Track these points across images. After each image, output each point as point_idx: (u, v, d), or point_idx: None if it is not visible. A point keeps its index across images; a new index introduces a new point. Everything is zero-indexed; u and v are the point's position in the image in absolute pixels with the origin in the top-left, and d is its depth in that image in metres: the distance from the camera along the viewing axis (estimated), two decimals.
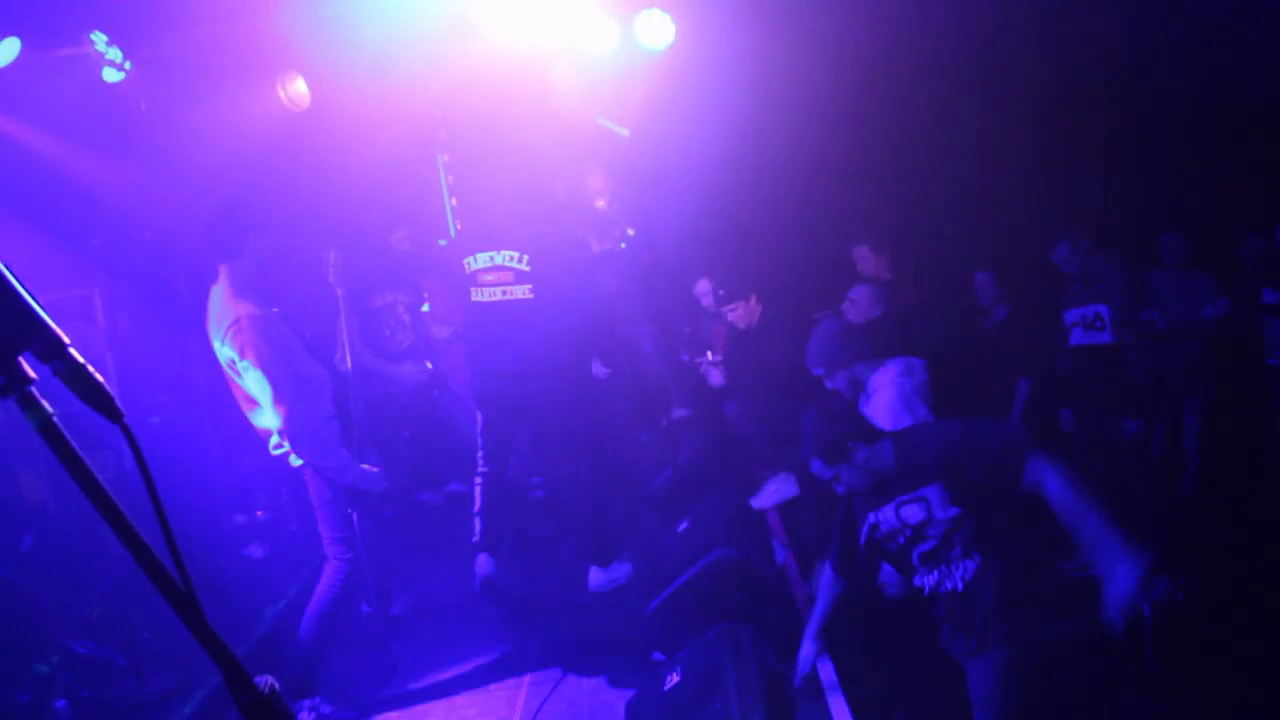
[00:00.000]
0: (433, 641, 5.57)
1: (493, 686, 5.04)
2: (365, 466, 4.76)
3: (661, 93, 6.59)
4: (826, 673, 4.40)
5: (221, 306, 4.55)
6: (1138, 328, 5.74)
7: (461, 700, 4.95)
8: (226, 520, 6.98)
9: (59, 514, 5.85)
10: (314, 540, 6.60)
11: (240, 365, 4.51)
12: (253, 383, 4.52)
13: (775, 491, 5.98)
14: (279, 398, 4.48)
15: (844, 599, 4.02)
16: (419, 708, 4.96)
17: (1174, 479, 6.27)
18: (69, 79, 5.99)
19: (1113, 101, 6.70)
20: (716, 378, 6.37)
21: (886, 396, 4.59)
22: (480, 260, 5.42)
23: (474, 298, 5.47)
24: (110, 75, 6.15)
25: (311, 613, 4.83)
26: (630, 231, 6.84)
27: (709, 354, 6.41)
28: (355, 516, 4.80)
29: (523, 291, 5.37)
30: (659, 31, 6.40)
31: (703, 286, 6.86)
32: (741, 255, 6.71)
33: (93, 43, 5.94)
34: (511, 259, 5.37)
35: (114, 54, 6.04)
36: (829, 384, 4.82)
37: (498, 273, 5.39)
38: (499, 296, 5.41)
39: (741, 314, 6.00)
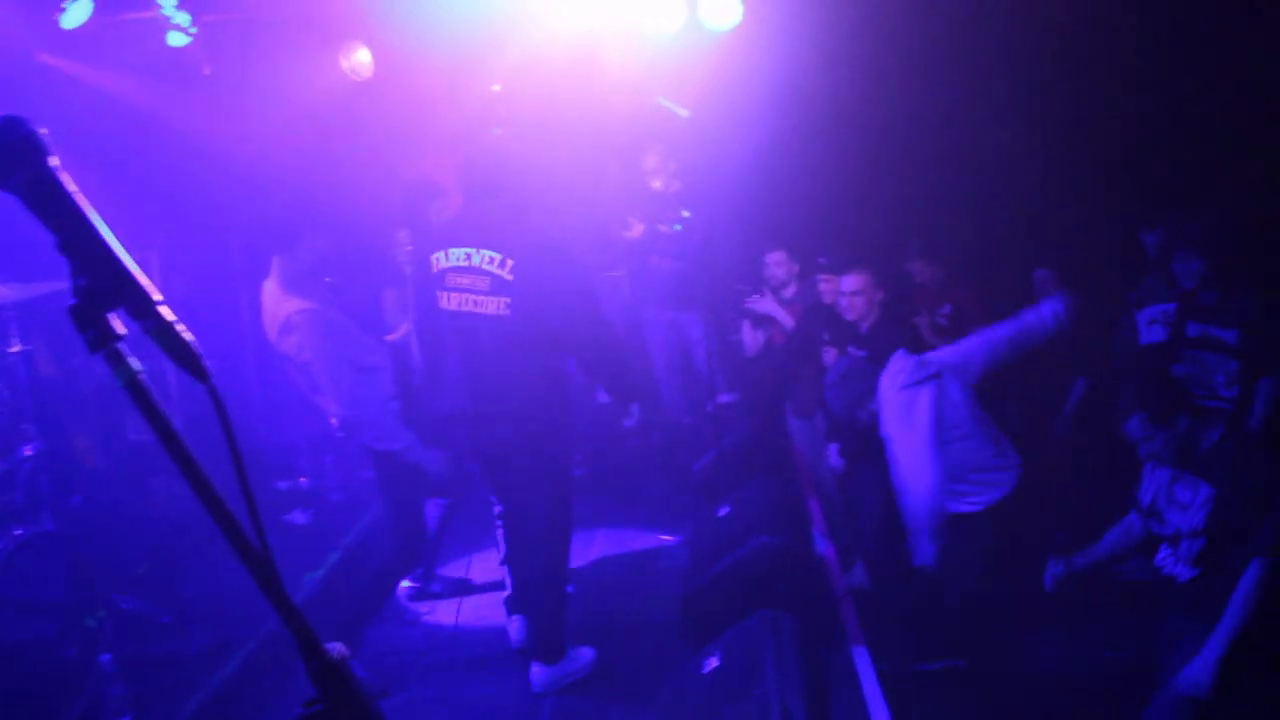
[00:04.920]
0: (470, 617, 5.59)
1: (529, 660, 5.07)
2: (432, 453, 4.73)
3: (726, 74, 6.52)
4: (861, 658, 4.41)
5: (273, 303, 4.54)
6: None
7: (497, 674, 4.97)
8: (269, 486, 7.04)
9: (109, 472, 5.93)
10: (356, 509, 6.71)
11: (297, 364, 4.57)
12: (311, 378, 4.57)
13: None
14: (337, 392, 4.51)
15: None
16: (454, 679, 5.00)
17: None
18: (136, 41, 6.05)
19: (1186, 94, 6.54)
20: (754, 342, 6.38)
21: (893, 400, 4.71)
22: (453, 257, 4.31)
23: (441, 305, 4.36)
24: (176, 39, 6.20)
25: (368, 580, 4.89)
26: (685, 213, 6.80)
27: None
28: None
29: (497, 306, 4.22)
30: (725, 11, 6.32)
31: (776, 258, 6.64)
32: (805, 240, 6.65)
33: (160, 6, 6.00)
34: (491, 262, 4.23)
35: (181, 18, 6.09)
36: (861, 422, 4.91)
37: (473, 276, 4.25)
38: (467, 306, 4.28)
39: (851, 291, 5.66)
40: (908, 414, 4.68)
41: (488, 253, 4.22)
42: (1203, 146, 6.42)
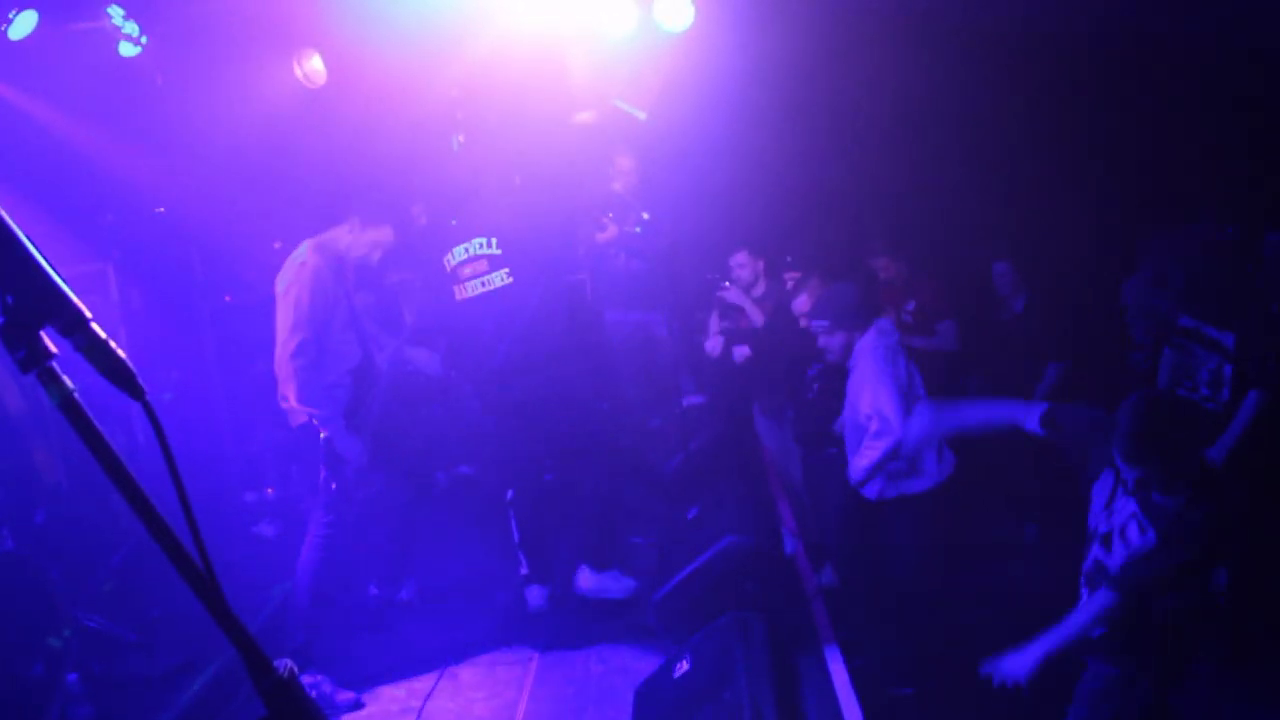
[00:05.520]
0: (440, 625, 5.56)
1: (499, 669, 5.05)
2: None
3: (680, 75, 6.53)
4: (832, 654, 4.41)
5: (293, 257, 4.94)
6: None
7: (468, 682, 4.95)
8: (237, 498, 6.98)
9: (72, 489, 5.85)
10: None
11: (279, 292, 4.87)
12: (279, 313, 4.84)
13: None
14: (285, 332, 4.78)
15: None
16: (424, 689, 4.97)
17: None
18: (85, 53, 5.96)
19: (1143, 86, 6.62)
20: (741, 353, 6.43)
21: (868, 361, 4.95)
22: (457, 254, 5.14)
23: (458, 296, 5.15)
24: (126, 49, 6.11)
25: (298, 585, 5.04)
26: (645, 215, 6.79)
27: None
28: (334, 486, 5.04)
29: (500, 278, 5.05)
30: (678, 13, 6.32)
31: (739, 259, 6.68)
32: (769, 238, 6.68)
33: (110, 16, 5.91)
34: (482, 246, 5.07)
35: (131, 28, 6.01)
36: (823, 340, 5.14)
37: (474, 264, 5.08)
38: (479, 290, 5.09)
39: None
40: (871, 358, 4.96)
41: (479, 240, 5.08)
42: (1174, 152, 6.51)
